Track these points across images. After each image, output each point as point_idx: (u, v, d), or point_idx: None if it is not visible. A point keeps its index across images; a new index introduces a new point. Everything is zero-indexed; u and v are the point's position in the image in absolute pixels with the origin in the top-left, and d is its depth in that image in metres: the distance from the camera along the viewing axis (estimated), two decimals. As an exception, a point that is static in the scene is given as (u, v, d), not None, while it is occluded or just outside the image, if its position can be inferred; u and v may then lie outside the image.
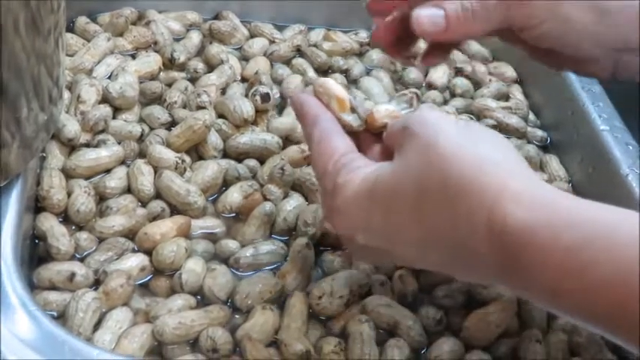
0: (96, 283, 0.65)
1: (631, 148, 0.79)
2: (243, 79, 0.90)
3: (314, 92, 0.61)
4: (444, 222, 0.50)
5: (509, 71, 0.97)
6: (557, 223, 0.46)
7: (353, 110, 0.60)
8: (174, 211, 0.72)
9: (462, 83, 0.93)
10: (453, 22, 0.62)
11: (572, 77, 0.88)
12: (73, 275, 0.64)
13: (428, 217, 0.50)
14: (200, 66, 0.89)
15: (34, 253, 0.67)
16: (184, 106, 0.83)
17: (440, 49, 0.69)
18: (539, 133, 0.89)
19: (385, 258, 0.58)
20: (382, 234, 0.53)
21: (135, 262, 0.67)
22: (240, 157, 0.79)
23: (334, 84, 0.61)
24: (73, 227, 0.70)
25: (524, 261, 0.46)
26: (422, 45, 0.72)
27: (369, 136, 0.60)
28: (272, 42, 0.96)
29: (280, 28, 0.99)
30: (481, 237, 0.48)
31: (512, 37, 0.65)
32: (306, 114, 0.60)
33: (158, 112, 0.81)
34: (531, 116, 0.92)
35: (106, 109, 0.78)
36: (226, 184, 0.76)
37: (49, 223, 0.68)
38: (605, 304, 0.44)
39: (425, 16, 0.62)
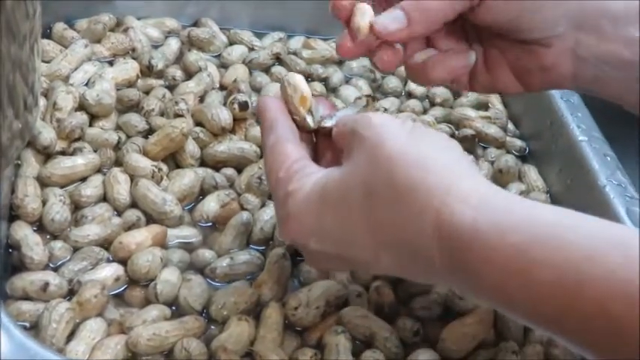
0: (70, 293, 0.64)
1: (609, 159, 0.79)
2: (222, 87, 0.89)
3: (281, 86, 0.62)
4: (393, 222, 0.50)
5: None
6: (504, 223, 0.47)
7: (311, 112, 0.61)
8: (150, 220, 0.72)
9: (441, 92, 0.93)
10: (412, 14, 0.61)
11: (551, 87, 0.88)
12: (46, 285, 0.63)
13: (377, 218, 0.51)
14: (178, 73, 0.88)
15: (8, 263, 0.67)
16: (162, 114, 0.82)
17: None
18: (518, 143, 0.89)
19: (340, 264, 0.58)
20: (334, 238, 0.54)
21: (109, 272, 0.66)
22: (217, 166, 0.78)
23: (302, 81, 0.62)
24: (48, 236, 0.69)
25: (470, 260, 0.47)
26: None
27: (323, 141, 0.61)
28: (251, 49, 0.95)
29: (259, 36, 0.98)
30: (429, 236, 0.48)
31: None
32: (266, 118, 0.60)
33: (135, 120, 0.80)
34: (510, 126, 0.92)
35: (82, 117, 0.78)
36: (203, 192, 0.76)
37: (23, 232, 0.67)
38: (551, 306, 0.44)
39: (385, 18, 0.61)
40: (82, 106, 0.79)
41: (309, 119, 0.61)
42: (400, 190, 0.50)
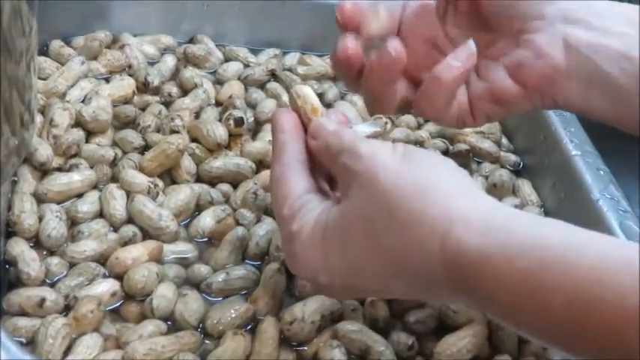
0: (66, 309, 0.65)
1: (602, 173, 0.79)
2: (218, 103, 0.90)
3: (289, 98, 0.62)
4: (398, 255, 0.50)
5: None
6: (511, 247, 0.46)
7: None
8: (147, 235, 0.72)
9: (435, 107, 0.93)
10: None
11: (544, 102, 0.89)
12: (43, 301, 0.64)
13: (382, 252, 0.51)
14: (174, 90, 0.89)
15: (4, 279, 0.67)
16: (158, 130, 0.83)
17: None
18: (512, 157, 0.90)
19: (353, 293, 0.59)
20: (342, 272, 0.54)
21: (106, 287, 0.66)
22: (213, 182, 0.79)
23: (311, 92, 0.61)
24: (44, 252, 0.69)
25: (480, 286, 0.47)
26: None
27: None
28: (246, 66, 0.96)
29: (255, 52, 0.99)
30: (436, 263, 0.49)
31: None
32: (277, 140, 0.59)
33: (131, 136, 0.80)
34: (504, 140, 0.92)
35: (78, 133, 0.78)
36: (199, 208, 0.76)
37: (19, 248, 0.67)
38: (563, 329, 0.44)
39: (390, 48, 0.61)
40: (78, 123, 0.80)
41: None
42: (402, 224, 0.50)
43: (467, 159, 0.87)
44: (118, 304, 0.67)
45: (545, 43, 0.62)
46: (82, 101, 0.84)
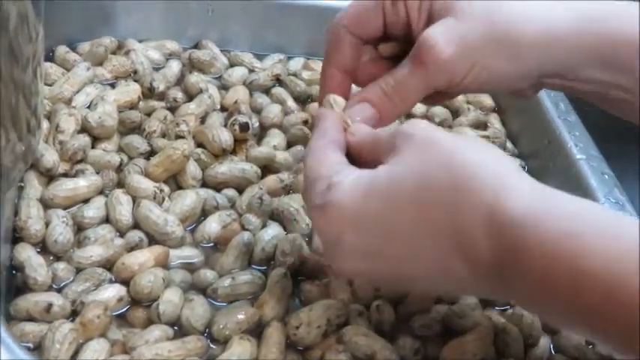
0: (73, 314, 0.65)
1: (607, 177, 0.80)
2: (223, 108, 0.90)
3: (325, 105, 0.65)
4: (445, 210, 0.51)
5: (487, 100, 0.98)
6: (557, 210, 0.48)
7: None
8: (153, 241, 0.72)
9: (440, 112, 0.93)
10: (383, 108, 0.64)
11: (548, 106, 0.89)
12: (50, 306, 0.64)
13: (428, 207, 0.51)
14: (179, 95, 0.89)
15: (12, 284, 0.67)
16: (163, 136, 0.83)
17: None
18: (517, 161, 0.90)
19: (367, 263, 0.56)
20: (374, 229, 0.53)
21: (112, 292, 0.66)
22: (218, 187, 0.79)
23: (343, 100, 0.65)
24: (51, 257, 0.70)
25: (520, 246, 0.48)
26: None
27: None
28: (251, 71, 0.96)
29: (260, 57, 0.99)
30: (481, 223, 0.49)
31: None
32: (319, 126, 0.61)
33: (137, 142, 0.81)
34: (509, 145, 0.93)
35: (84, 139, 0.78)
36: (205, 213, 0.76)
37: (26, 254, 0.68)
38: (592, 294, 0.45)
39: (356, 116, 0.63)
40: (84, 129, 0.80)
41: None
42: (458, 177, 0.51)
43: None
44: (125, 309, 0.67)
45: (526, 93, 0.68)
46: (88, 107, 0.84)
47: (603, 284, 0.44)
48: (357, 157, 0.59)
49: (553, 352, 0.68)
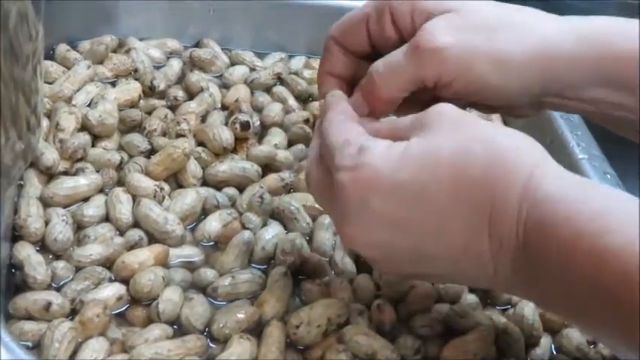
0: (72, 313, 0.65)
1: (609, 176, 0.79)
2: (224, 107, 0.90)
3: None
4: (481, 184, 0.51)
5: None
6: (589, 192, 0.50)
7: None
8: (153, 239, 0.72)
9: (441, 111, 0.93)
10: (369, 93, 0.62)
11: (550, 106, 0.89)
12: (49, 304, 0.64)
13: (464, 178, 0.51)
14: (180, 94, 0.89)
15: (11, 283, 0.67)
16: (164, 134, 0.83)
17: None
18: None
19: (391, 234, 0.54)
20: (405, 195, 0.52)
21: (112, 291, 0.66)
22: (219, 186, 0.79)
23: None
24: (51, 256, 0.70)
25: (548, 220, 0.49)
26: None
27: None
28: (252, 70, 0.96)
29: (261, 56, 0.99)
30: (515, 199, 0.50)
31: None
32: (333, 105, 0.61)
33: (137, 140, 0.81)
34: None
35: (85, 137, 0.78)
36: (205, 212, 0.76)
37: (25, 252, 0.68)
38: (613, 273, 0.45)
39: (353, 102, 0.63)
40: (84, 127, 0.80)
41: None
42: (497, 154, 0.51)
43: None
44: (124, 308, 0.67)
45: (521, 111, 0.67)
46: (88, 105, 0.84)
47: (623, 264, 0.45)
48: None
49: (554, 352, 0.68)
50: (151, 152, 0.80)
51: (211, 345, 0.65)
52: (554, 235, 0.48)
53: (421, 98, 0.62)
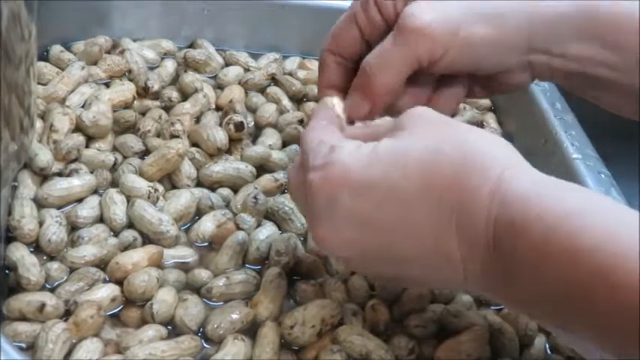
0: (66, 314, 0.64)
1: (603, 176, 0.79)
2: (218, 108, 0.90)
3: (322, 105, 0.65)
4: (450, 183, 0.51)
5: (484, 99, 0.98)
6: (562, 193, 0.49)
7: None
8: (147, 240, 0.72)
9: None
10: (367, 86, 0.63)
11: (544, 106, 0.89)
12: (43, 306, 0.64)
13: (434, 176, 0.51)
14: (174, 94, 0.89)
15: (4, 284, 0.67)
16: (158, 135, 0.83)
17: None
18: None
19: (360, 233, 0.54)
20: (372, 194, 0.52)
21: (106, 292, 0.66)
22: (213, 186, 0.79)
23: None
24: (44, 257, 0.69)
25: (520, 221, 0.48)
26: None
27: None
28: (247, 70, 0.96)
29: (255, 57, 0.99)
30: (485, 199, 0.50)
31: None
32: (319, 113, 0.62)
33: (132, 141, 0.81)
34: (505, 144, 0.92)
35: (79, 138, 0.78)
36: (199, 213, 0.76)
37: (19, 253, 0.67)
38: (587, 272, 0.45)
39: (350, 104, 0.64)
40: (78, 128, 0.80)
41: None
42: (468, 153, 0.51)
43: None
44: (118, 309, 0.67)
45: (515, 79, 0.68)
46: (82, 106, 0.84)
47: (598, 262, 0.44)
48: None
49: (548, 352, 0.68)
50: (145, 153, 0.80)
51: (206, 345, 0.65)
52: (526, 235, 0.48)
53: (423, 84, 0.65)
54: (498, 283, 0.51)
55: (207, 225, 0.74)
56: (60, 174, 0.76)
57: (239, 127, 0.82)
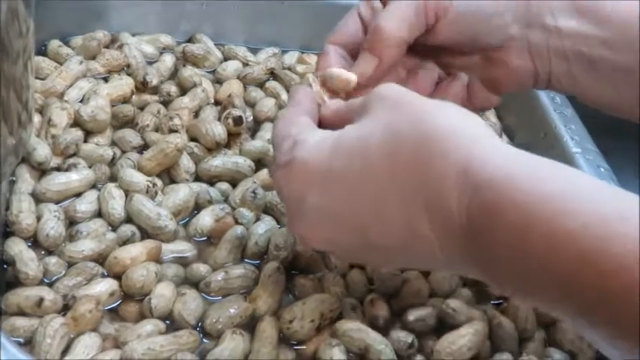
0: (65, 309, 0.64)
1: (603, 170, 0.79)
2: (217, 102, 0.90)
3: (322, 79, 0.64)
4: (414, 167, 0.49)
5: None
6: (535, 172, 0.46)
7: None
8: (145, 235, 0.72)
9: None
10: (381, 34, 0.62)
11: (544, 100, 0.89)
12: (41, 300, 0.63)
13: (396, 162, 0.50)
14: (173, 89, 0.89)
15: (2, 279, 0.67)
16: (157, 130, 0.82)
17: None
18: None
19: (334, 229, 0.54)
20: (341, 187, 0.52)
21: (104, 287, 0.66)
22: (212, 181, 0.79)
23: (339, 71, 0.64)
24: (43, 252, 0.69)
25: (494, 207, 0.46)
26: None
27: None
28: (246, 65, 0.96)
29: (254, 51, 0.99)
30: (453, 179, 0.48)
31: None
32: (292, 97, 0.61)
33: (130, 136, 0.80)
34: (505, 138, 0.92)
35: (77, 133, 0.78)
36: (198, 207, 0.76)
37: (17, 248, 0.67)
38: (567, 258, 0.43)
39: (358, 68, 0.63)
40: (76, 123, 0.80)
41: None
42: (427, 132, 0.49)
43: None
44: (117, 303, 0.67)
45: (514, 58, 0.66)
46: (81, 101, 0.84)
47: (578, 247, 0.42)
48: (331, 128, 0.57)
49: (548, 345, 0.68)
50: (144, 148, 0.80)
51: (204, 340, 0.65)
52: (502, 222, 0.46)
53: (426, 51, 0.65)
54: (478, 266, 0.49)
55: (205, 219, 0.74)
56: (58, 168, 0.76)
57: (238, 121, 0.82)
